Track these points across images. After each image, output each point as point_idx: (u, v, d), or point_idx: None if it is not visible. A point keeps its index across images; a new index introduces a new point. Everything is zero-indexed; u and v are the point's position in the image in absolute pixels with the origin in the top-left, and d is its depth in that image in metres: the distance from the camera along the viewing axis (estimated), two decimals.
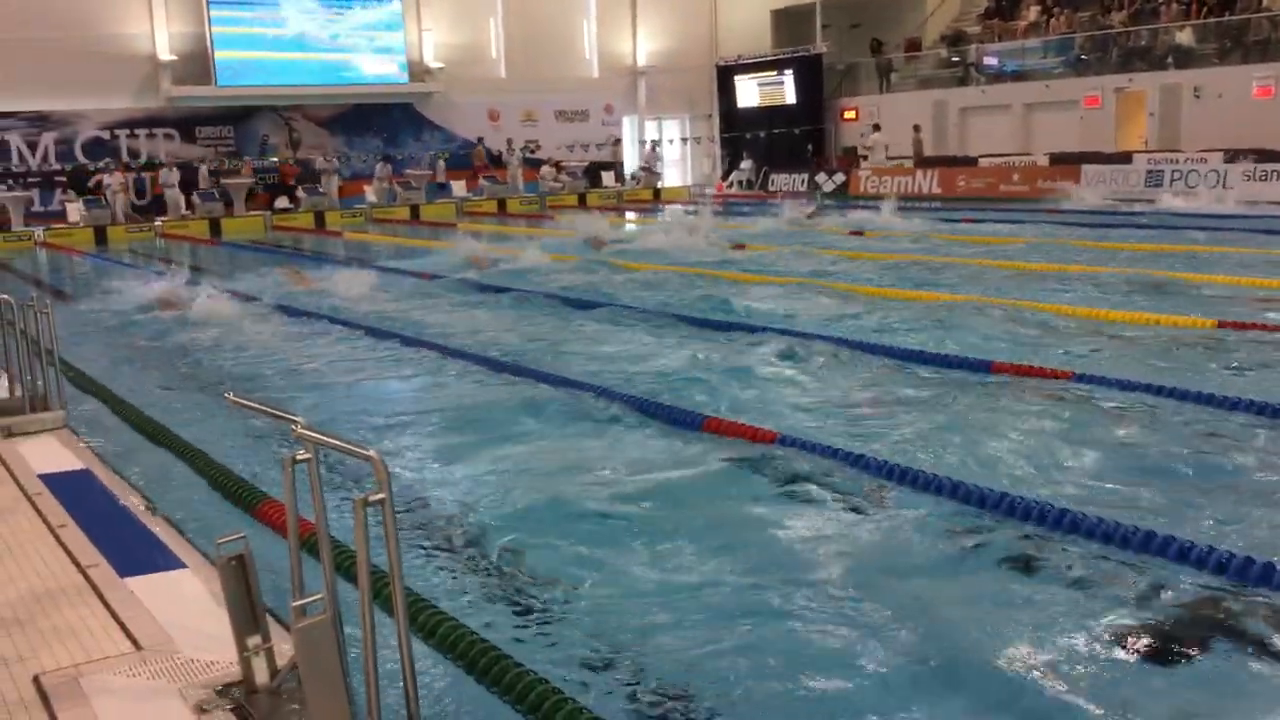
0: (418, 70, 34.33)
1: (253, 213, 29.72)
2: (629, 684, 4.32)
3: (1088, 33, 29.89)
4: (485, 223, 27.53)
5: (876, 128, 32.38)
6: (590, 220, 22.96)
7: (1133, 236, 17.94)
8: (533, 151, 35.31)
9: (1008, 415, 7.79)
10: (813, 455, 6.82)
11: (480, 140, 34.78)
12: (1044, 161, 27.94)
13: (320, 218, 29.70)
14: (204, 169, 30.41)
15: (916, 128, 31.44)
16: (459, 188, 33.01)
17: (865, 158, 32.82)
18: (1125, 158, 26.35)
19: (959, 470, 6.49)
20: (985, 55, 32.27)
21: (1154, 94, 27.34)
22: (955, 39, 34.24)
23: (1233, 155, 24.29)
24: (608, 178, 36.12)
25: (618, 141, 37.59)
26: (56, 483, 6.23)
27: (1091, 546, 5.34)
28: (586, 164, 36.27)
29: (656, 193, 34.98)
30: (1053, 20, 31.27)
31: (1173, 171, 25.02)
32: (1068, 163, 27.10)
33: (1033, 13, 32.13)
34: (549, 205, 32.14)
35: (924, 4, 36.26)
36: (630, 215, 29.51)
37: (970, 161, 29.90)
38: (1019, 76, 30.91)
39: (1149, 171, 25.46)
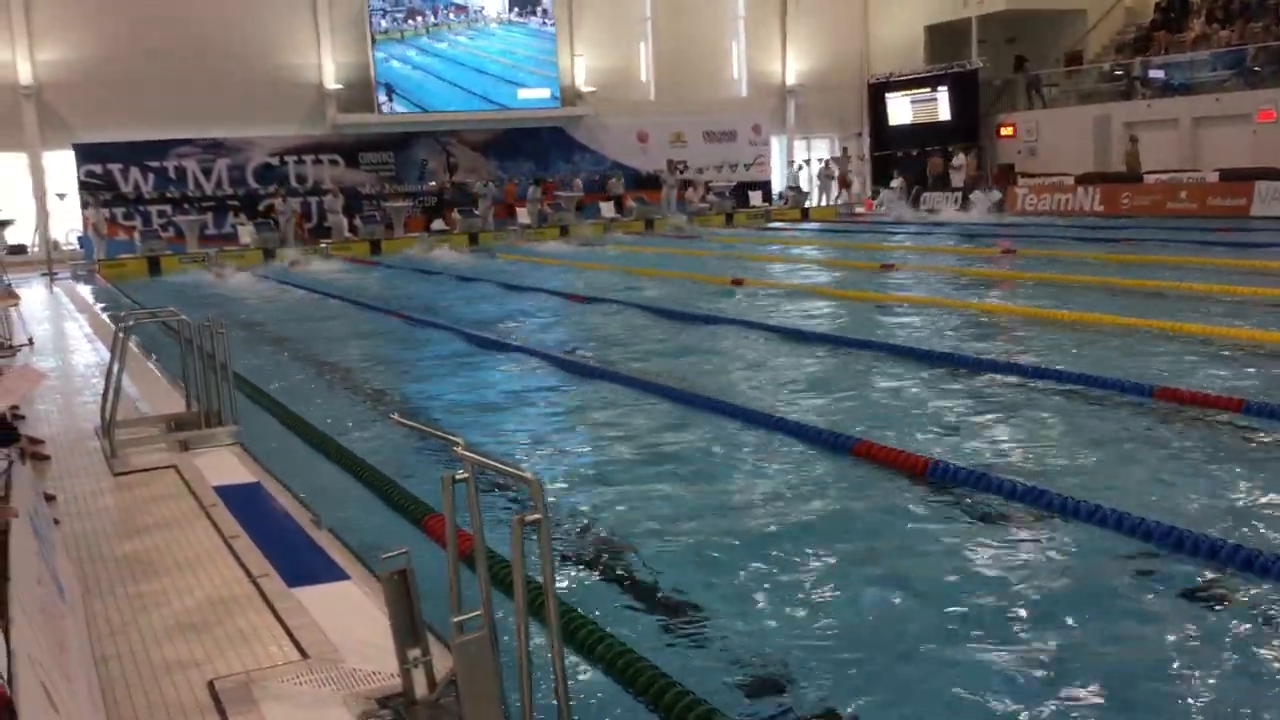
0: (569, 95, 35.00)
1: (411, 234, 30.67)
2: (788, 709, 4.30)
3: (1262, 44, 28.51)
4: (624, 242, 27.80)
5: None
6: None
7: None
8: (682, 172, 35.53)
9: (1170, 443, 7.50)
10: (965, 483, 6.68)
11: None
12: (1213, 178, 26.71)
13: (474, 239, 30.45)
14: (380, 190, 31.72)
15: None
16: (608, 208, 33.39)
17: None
18: None
19: (1122, 500, 6.26)
20: (1150, 68, 31.07)
21: None
22: (1121, 51, 33.07)
23: None
24: (755, 197, 36.07)
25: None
26: (230, 495, 6.53)
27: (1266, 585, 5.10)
28: (734, 183, 36.32)
29: (804, 212, 34.74)
30: (1223, 31, 29.91)
31: None
32: (1240, 179, 25.87)
33: (1197, 25, 30.80)
34: (698, 224, 32.24)
35: (1084, 17, 35.18)
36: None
37: (1135, 178, 28.79)
38: (1187, 90, 29.66)
39: None
